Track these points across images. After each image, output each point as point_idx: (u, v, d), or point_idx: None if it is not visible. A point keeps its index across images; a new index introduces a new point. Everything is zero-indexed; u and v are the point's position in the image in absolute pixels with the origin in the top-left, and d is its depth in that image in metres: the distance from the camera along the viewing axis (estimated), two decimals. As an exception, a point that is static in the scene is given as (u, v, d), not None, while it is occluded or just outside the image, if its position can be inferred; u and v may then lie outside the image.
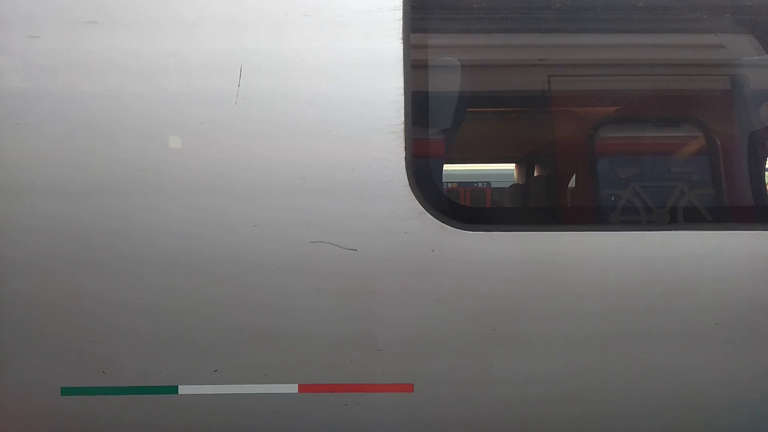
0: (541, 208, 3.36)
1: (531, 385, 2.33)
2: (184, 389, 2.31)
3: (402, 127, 2.27)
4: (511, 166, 5.03)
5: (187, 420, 2.33)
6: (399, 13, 2.31)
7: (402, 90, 2.28)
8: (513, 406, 2.36)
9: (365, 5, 2.31)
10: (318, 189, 2.26)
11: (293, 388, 2.31)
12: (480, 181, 9.85)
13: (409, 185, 2.27)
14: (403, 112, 2.27)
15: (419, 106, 2.40)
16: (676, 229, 2.39)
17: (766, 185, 2.87)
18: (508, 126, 3.98)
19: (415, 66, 2.37)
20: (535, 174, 4.02)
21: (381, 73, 2.29)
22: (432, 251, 2.28)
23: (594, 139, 2.94)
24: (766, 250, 2.34)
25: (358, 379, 2.32)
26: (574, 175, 3.09)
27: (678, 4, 2.74)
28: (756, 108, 2.96)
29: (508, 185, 5.15)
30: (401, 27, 2.30)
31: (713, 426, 2.39)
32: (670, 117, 3.01)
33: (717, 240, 2.35)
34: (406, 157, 2.27)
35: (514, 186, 4.63)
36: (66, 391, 2.30)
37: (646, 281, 2.31)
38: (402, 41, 2.30)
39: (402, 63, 2.29)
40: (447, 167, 4.08)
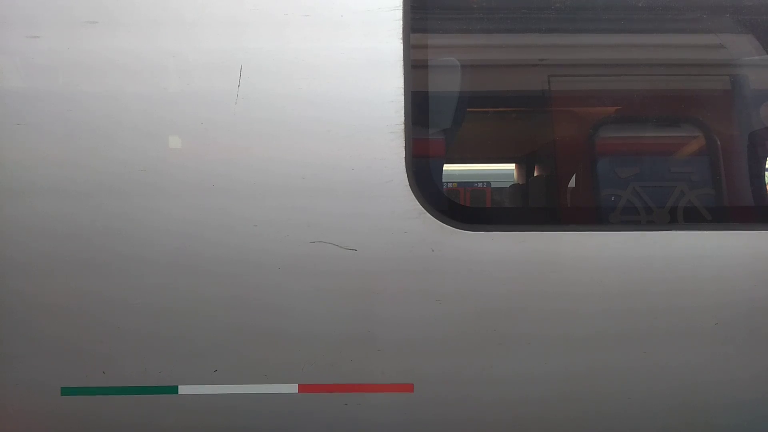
0: (541, 208, 3.36)
1: (531, 385, 2.33)
2: (184, 389, 2.31)
3: (402, 127, 2.27)
4: (511, 166, 5.03)
5: (187, 420, 2.33)
6: (399, 13, 2.31)
7: (402, 90, 2.28)
8: (513, 406, 2.36)
9: (365, 5, 2.31)
10: (318, 189, 2.26)
11: (293, 388, 2.31)
12: (480, 181, 9.85)
13: (409, 185, 2.27)
14: (403, 112, 2.27)
15: (419, 106, 2.40)
16: (676, 229, 2.39)
17: (766, 185, 2.87)
18: (508, 126, 3.98)
19: (415, 66, 2.37)
20: (535, 174, 4.02)
21: (381, 73, 2.29)
22: (432, 251, 2.28)
23: (594, 139, 2.94)
24: (766, 250, 2.34)
25: (358, 379, 2.32)
26: (574, 175, 3.09)
27: (678, 4, 2.74)
28: (756, 108, 2.96)
29: (508, 185, 5.15)
30: (401, 27, 2.30)
31: (713, 426, 2.39)
32: (670, 117, 3.01)
33: (717, 240, 2.35)
34: (406, 157, 2.27)
35: (514, 186, 4.63)
36: (66, 391, 2.30)
37: (646, 281, 2.31)
38: (402, 41, 2.30)
39: (402, 63, 2.29)
40: (447, 167, 4.08)
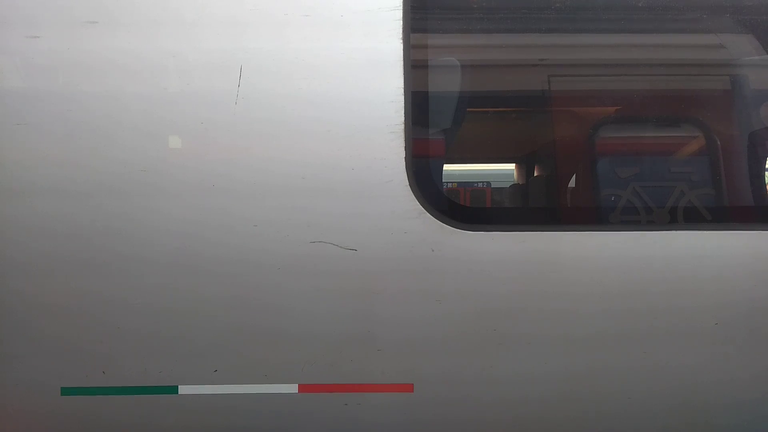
0: (541, 208, 3.36)
1: (531, 385, 2.33)
2: (184, 389, 2.31)
3: (402, 127, 2.27)
4: (511, 166, 5.03)
5: (187, 420, 2.33)
6: (399, 13, 2.31)
7: (402, 90, 2.28)
8: (513, 406, 2.36)
9: (365, 5, 2.31)
10: (318, 189, 2.26)
11: (293, 388, 2.31)
12: (480, 181, 9.85)
13: (409, 185, 2.27)
14: (403, 112, 2.27)
15: (419, 106, 2.39)
16: (676, 229, 2.39)
17: (766, 185, 2.87)
18: (508, 126, 3.98)
19: (415, 66, 2.37)
20: (535, 174, 4.02)
21: (381, 73, 2.29)
22: (432, 251, 2.28)
23: (594, 139, 2.94)
24: (766, 250, 2.34)
25: (358, 379, 2.32)
26: (574, 175, 3.09)
27: (678, 4, 2.74)
28: (756, 108, 2.96)
29: (508, 185, 5.15)
30: (401, 27, 2.30)
31: (713, 426, 2.39)
32: (670, 117, 3.01)
33: (717, 240, 2.35)
34: (406, 157, 2.27)
35: (514, 186, 4.63)
36: (66, 391, 2.30)
37: (646, 281, 2.31)
38: (402, 41, 2.30)
39: (402, 63, 2.29)
40: (447, 167, 4.08)
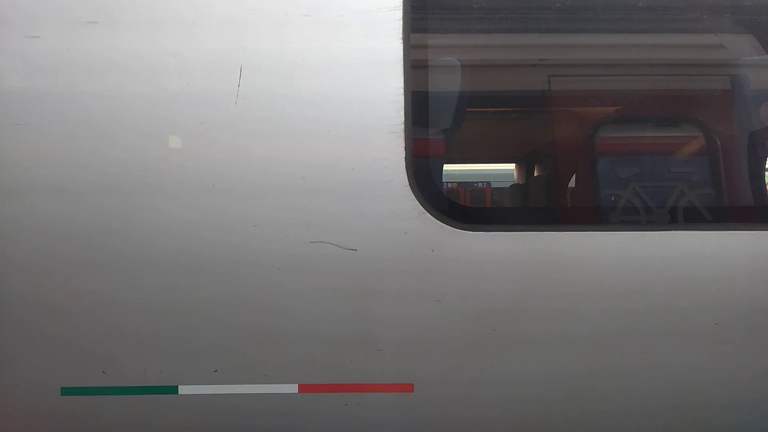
0: (541, 208, 3.36)
1: (531, 385, 2.33)
2: (184, 389, 2.31)
3: (402, 127, 2.27)
4: (511, 166, 5.03)
5: (187, 420, 2.33)
6: (399, 13, 2.31)
7: (402, 90, 2.28)
8: (513, 406, 2.36)
9: (365, 5, 2.31)
10: (318, 189, 2.26)
11: (293, 388, 2.31)
12: (480, 181, 9.86)
13: (409, 185, 2.27)
14: (403, 112, 2.27)
15: (419, 106, 2.39)
16: (676, 229, 2.39)
17: (766, 185, 2.87)
18: (508, 126, 3.98)
19: (415, 66, 2.37)
20: (535, 174, 4.02)
21: (381, 73, 2.29)
22: (432, 251, 2.28)
23: (594, 139, 2.94)
24: (766, 250, 2.34)
25: (358, 379, 2.32)
26: (574, 175, 3.09)
27: (678, 4, 2.74)
28: (756, 108, 2.96)
29: (508, 185, 5.16)
30: (401, 27, 2.30)
31: (713, 426, 2.39)
32: (670, 117, 3.01)
33: (717, 240, 2.35)
34: (406, 157, 2.27)
35: (514, 186, 4.63)
36: (66, 391, 2.30)
37: (646, 281, 2.31)
38: (402, 41, 2.30)
39: (402, 63, 2.29)
40: (447, 167, 4.09)
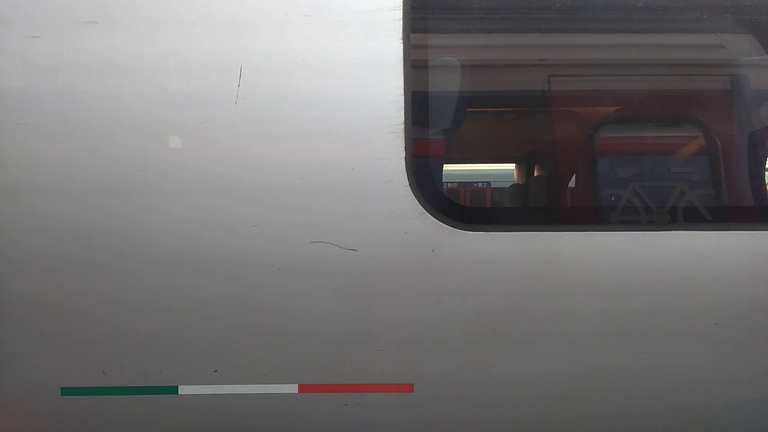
0: (541, 208, 3.36)
1: (531, 385, 2.33)
2: (184, 389, 2.31)
3: (402, 127, 2.27)
4: (511, 166, 5.03)
5: (187, 420, 2.33)
6: (399, 13, 2.31)
7: (402, 90, 2.28)
8: (513, 406, 2.36)
9: (365, 5, 2.31)
10: (318, 189, 2.26)
11: (293, 388, 2.31)
12: (480, 181, 9.86)
13: (409, 185, 2.27)
14: (403, 112, 2.27)
15: (419, 106, 2.39)
16: (676, 229, 2.39)
17: (766, 185, 2.87)
18: (508, 126, 3.98)
19: (415, 66, 2.37)
20: (535, 174, 4.02)
21: (381, 73, 2.29)
22: (432, 251, 2.28)
23: (594, 139, 2.94)
24: (766, 250, 2.33)
25: (358, 379, 2.32)
26: (574, 175, 3.09)
27: (678, 4, 2.74)
28: (756, 108, 2.96)
29: (508, 185, 5.16)
30: (401, 27, 2.30)
31: (713, 426, 2.39)
32: (670, 117, 3.01)
33: (717, 240, 2.35)
34: (406, 157, 2.27)
35: (514, 186, 4.63)
36: (66, 391, 2.30)
37: (646, 281, 2.31)
38: (402, 41, 2.30)
39: (402, 63, 2.29)
40: (447, 167, 4.09)
